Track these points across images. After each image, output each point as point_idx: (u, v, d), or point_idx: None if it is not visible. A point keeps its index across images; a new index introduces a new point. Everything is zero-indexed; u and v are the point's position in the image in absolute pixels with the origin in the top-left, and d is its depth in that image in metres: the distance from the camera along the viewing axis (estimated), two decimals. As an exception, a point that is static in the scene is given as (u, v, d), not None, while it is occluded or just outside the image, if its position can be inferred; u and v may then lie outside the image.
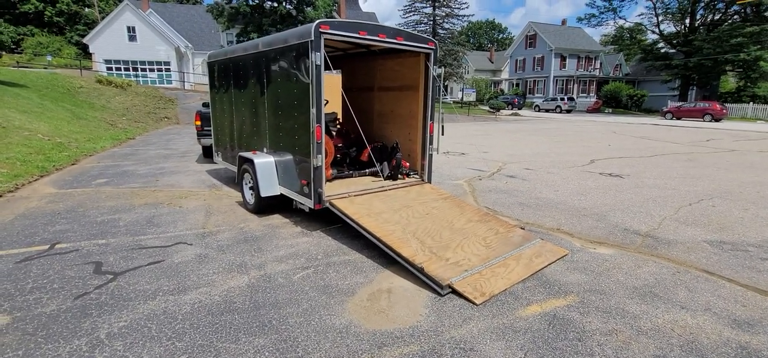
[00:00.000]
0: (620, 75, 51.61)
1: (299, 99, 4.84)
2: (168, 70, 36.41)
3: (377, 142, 6.58)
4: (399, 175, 6.03)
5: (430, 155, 5.99)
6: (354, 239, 4.72)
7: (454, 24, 41.33)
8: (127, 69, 35.18)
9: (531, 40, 51.58)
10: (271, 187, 5.44)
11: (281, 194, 5.48)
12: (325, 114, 7.44)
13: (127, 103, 21.10)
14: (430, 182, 6.03)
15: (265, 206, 5.66)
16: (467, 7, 45.88)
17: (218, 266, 3.95)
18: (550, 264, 4.06)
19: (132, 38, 35.36)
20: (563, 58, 49.03)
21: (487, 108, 39.35)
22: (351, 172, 6.14)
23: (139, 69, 35.67)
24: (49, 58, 39.73)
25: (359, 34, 4.79)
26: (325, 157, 5.59)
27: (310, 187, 4.80)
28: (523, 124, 24.96)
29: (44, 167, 8.55)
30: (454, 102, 41.48)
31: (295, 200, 5.22)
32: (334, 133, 7.30)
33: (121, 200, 6.39)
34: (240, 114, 6.54)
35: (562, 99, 41.56)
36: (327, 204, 4.81)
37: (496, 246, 4.24)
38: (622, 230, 5.27)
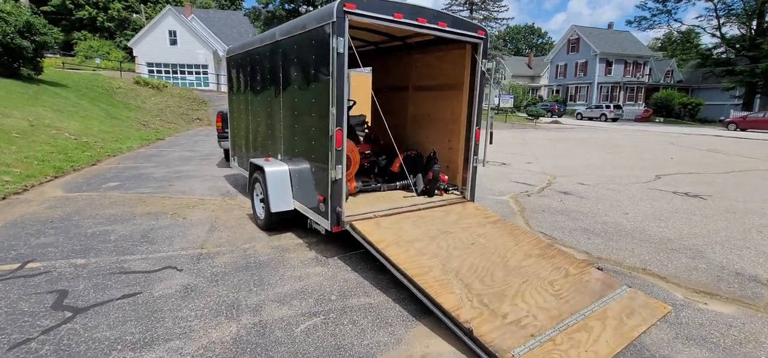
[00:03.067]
0: (672, 82, 47.92)
1: (317, 96, 3.95)
2: (205, 73, 37.15)
3: (411, 151, 5.60)
4: (436, 191, 5.01)
5: (475, 168, 4.93)
6: (379, 272, 3.75)
7: (491, 28, 39.76)
8: (167, 72, 36.18)
9: (573, 44, 48.93)
10: (282, 201, 4.57)
11: (295, 210, 4.61)
12: (352, 117, 6.60)
13: (161, 104, 21.28)
14: (473, 200, 4.97)
15: (276, 223, 4.81)
16: (507, 10, 44.16)
17: (204, 306, 3.10)
18: (649, 327, 2.91)
19: (173, 42, 36.36)
20: (609, 64, 46.10)
21: (524, 115, 37.44)
22: (379, 185, 5.19)
23: (179, 72, 36.60)
24: (97, 60, 41.68)
25: (394, 16, 3.84)
26: (349, 168, 4.69)
27: (328, 204, 3.88)
28: (565, 133, 23.16)
29: (61, 168, 8.18)
30: (490, 108, 39.90)
31: (310, 219, 4.32)
32: (361, 138, 6.40)
33: (123, 207, 5.75)
34: (255, 114, 5.76)
35: (607, 106, 38.90)
36: (347, 227, 3.87)
37: (569, 295, 3.14)
38: (733, 274, 3.98)
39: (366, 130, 6.42)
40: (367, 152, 6.11)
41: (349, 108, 7.28)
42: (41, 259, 3.88)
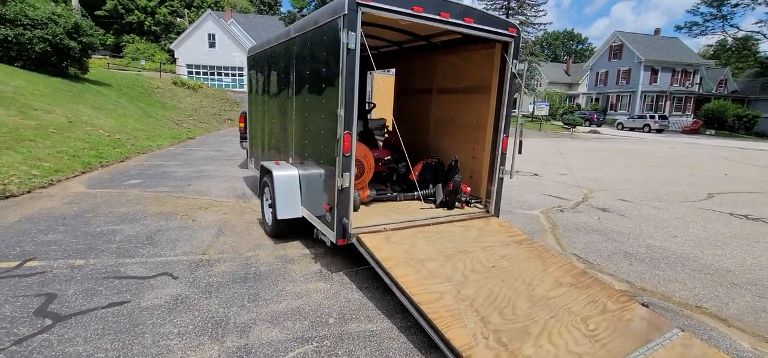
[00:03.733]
0: (725, 92, 44.57)
1: (328, 97, 3.63)
2: (241, 75, 38.18)
3: (432, 158, 5.19)
4: (456, 204, 4.58)
5: (501, 180, 4.46)
6: (386, 293, 3.38)
7: (528, 33, 38.52)
8: (205, 73, 37.48)
9: (616, 51, 46.58)
10: (290, 207, 4.29)
11: (304, 218, 4.32)
12: (372, 120, 6.30)
13: (195, 104, 21.90)
14: (497, 215, 4.50)
15: (284, 230, 4.54)
16: (544, 15, 42.68)
17: (190, 322, 2.83)
18: (708, 387, 2.37)
19: (211, 45, 37.67)
20: (654, 72, 43.51)
21: (561, 123, 35.93)
22: (395, 194, 4.81)
23: (216, 73, 37.84)
24: (142, 62, 43.87)
25: (413, 9, 3.47)
26: (361, 175, 4.36)
27: (333, 214, 3.55)
28: (605, 144, 21.84)
29: (89, 163, 8.36)
30: (523, 116, 38.58)
31: (317, 229, 4.01)
32: (380, 143, 6.06)
33: (138, 206, 5.69)
34: (270, 115, 5.54)
35: (652, 117, 36.61)
36: (353, 240, 3.53)
37: (607, 337, 2.64)
38: (813, 320, 3.31)
39: (386, 135, 6.07)
40: (386, 158, 5.76)
41: (369, 110, 6.98)
42: (42, 257, 3.78)
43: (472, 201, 4.71)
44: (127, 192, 6.46)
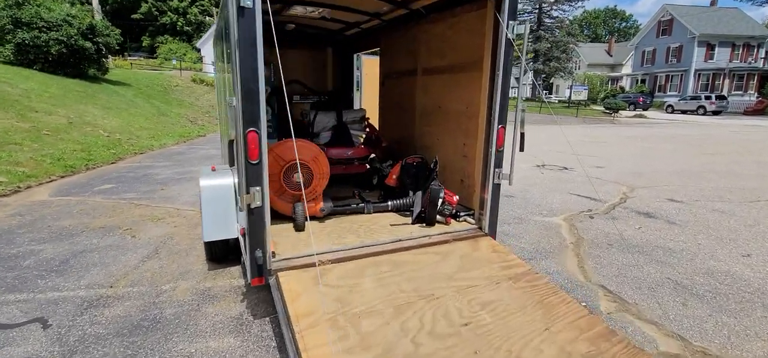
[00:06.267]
0: (797, 67, 39.46)
1: (229, 80, 2.65)
2: (265, 70, 38.14)
3: (415, 158, 4.10)
4: (439, 218, 3.48)
5: (496, 187, 3.30)
6: (313, 357, 2.36)
7: (564, 11, 35.78)
8: (230, 70, 37.79)
9: (665, 26, 42.43)
10: (221, 226, 3.36)
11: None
12: (348, 112, 5.24)
13: (213, 101, 21.71)
14: (492, 234, 3.35)
15: (219, 254, 3.64)
16: (582, -9, 39.77)
17: (3, 413, 1.97)
18: None
19: (236, 41, 37.81)
20: (710, 47, 39.21)
21: (601, 108, 33.15)
22: (362, 204, 3.76)
23: (241, 70, 38.04)
24: (173, 61, 44.97)
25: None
26: (311, 182, 3.37)
27: (245, 242, 2.58)
28: (652, 129, 19.52)
29: (73, 166, 7.90)
30: (559, 101, 35.99)
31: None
32: (360, 139, 5.02)
33: (85, 218, 5.00)
34: (219, 106, 4.67)
35: (708, 97, 32.98)
36: (271, 279, 2.54)
37: None
38: None
39: (366, 130, 5.03)
40: (364, 157, 4.74)
41: (326, 98, 5.88)
42: None
43: (462, 214, 3.58)
44: (88, 200, 5.83)
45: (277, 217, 3.42)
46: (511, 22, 2.97)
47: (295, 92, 6.18)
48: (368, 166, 4.76)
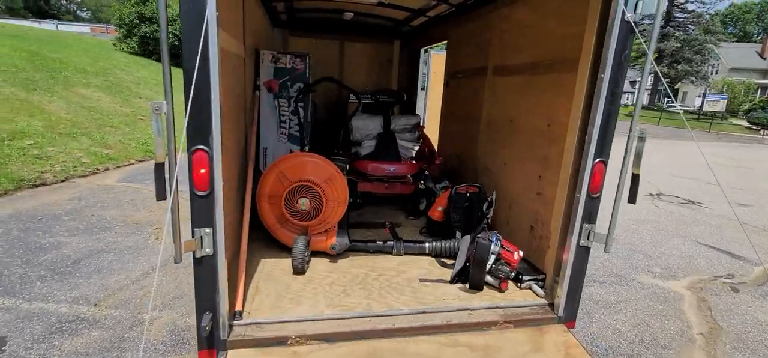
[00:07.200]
0: None
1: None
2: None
3: (468, 188, 3.06)
4: (489, 279, 2.42)
5: (584, 250, 2.14)
6: None
7: (704, 5, 29.87)
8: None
9: None
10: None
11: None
12: (398, 117, 4.27)
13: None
14: (570, 319, 2.20)
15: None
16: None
17: None
18: None
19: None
20: None
21: (744, 123, 27.05)
22: (390, 243, 2.84)
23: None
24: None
25: None
26: (320, 212, 2.60)
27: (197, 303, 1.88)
28: (824, 156, 14.94)
29: (151, 151, 8.31)
30: (684, 111, 30.31)
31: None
32: (412, 152, 4.08)
33: (129, 210, 4.96)
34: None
35: None
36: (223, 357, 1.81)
37: None
38: None
39: (419, 141, 4.07)
40: (426, 172, 3.82)
41: (392, 102, 4.80)
42: (-74, 281, 3.04)
43: (526, 279, 2.47)
44: (144, 189, 5.89)
45: (278, 247, 2.72)
46: (638, -2, 1.81)
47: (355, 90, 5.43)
48: (419, 186, 3.82)
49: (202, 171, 1.66)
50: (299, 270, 2.43)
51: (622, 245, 4.61)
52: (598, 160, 2.01)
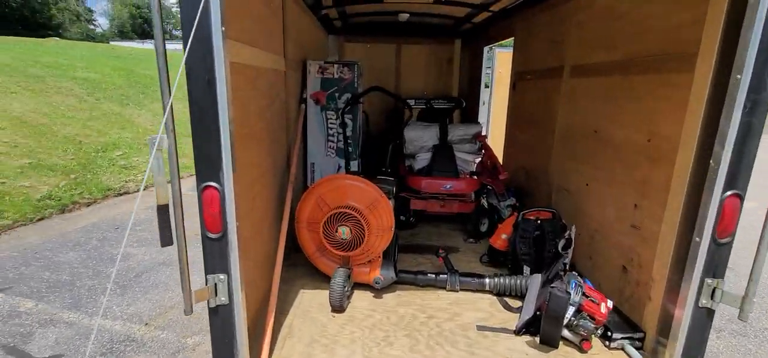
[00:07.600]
0: None
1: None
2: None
3: (538, 213, 2.57)
4: (568, 334, 1.93)
5: (707, 313, 1.57)
6: None
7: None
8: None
9: None
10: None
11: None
12: (456, 127, 3.78)
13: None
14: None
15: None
16: None
17: None
18: None
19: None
20: None
21: None
22: (443, 276, 2.45)
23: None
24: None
25: None
26: (362, 242, 2.32)
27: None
28: None
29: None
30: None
31: None
32: (474, 164, 3.64)
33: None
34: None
35: None
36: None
37: None
38: None
39: (480, 151, 3.59)
40: (488, 187, 3.38)
41: (449, 108, 4.23)
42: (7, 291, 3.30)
43: (617, 337, 1.93)
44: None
45: (320, 275, 2.48)
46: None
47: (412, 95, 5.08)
48: (481, 203, 3.36)
49: (214, 211, 1.44)
50: (337, 308, 2.16)
51: (744, 277, 3.68)
52: (730, 192, 1.44)
